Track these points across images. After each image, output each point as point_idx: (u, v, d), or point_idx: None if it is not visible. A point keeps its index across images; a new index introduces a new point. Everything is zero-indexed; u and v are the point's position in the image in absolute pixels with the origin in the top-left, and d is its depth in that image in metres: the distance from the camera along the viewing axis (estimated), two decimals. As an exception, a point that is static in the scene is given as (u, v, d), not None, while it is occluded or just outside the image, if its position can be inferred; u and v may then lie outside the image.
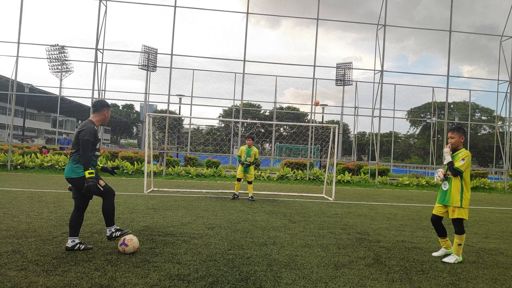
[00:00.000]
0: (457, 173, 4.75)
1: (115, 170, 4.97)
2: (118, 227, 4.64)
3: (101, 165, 4.91)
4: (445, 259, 4.80)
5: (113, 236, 4.55)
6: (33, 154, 17.87)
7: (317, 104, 16.38)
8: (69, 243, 4.41)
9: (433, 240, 6.00)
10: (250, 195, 10.21)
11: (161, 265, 4.04)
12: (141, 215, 7.04)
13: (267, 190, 12.97)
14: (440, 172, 4.96)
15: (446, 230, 5.08)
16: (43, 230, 5.37)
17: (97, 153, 4.61)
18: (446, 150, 4.90)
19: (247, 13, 18.61)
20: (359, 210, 9.30)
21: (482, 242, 6.14)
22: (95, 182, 4.29)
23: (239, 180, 10.36)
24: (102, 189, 4.47)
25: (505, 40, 20.17)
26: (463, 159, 4.73)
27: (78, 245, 4.42)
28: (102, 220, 6.24)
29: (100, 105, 4.71)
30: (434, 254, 5.10)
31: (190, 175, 17.39)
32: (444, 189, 4.91)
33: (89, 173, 4.27)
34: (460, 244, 4.78)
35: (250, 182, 10.33)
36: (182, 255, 4.44)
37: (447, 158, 4.83)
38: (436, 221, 5.03)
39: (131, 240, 4.44)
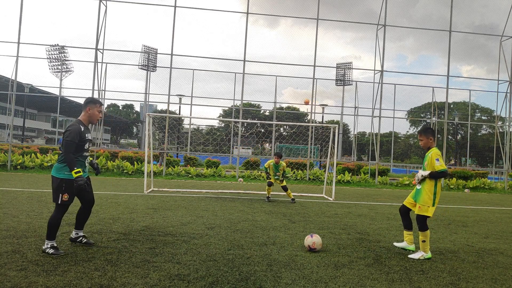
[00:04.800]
0: (443, 174, 4.79)
1: (98, 174, 4.81)
2: (56, 245, 4.28)
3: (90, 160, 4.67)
4: (411, 256, 4.86)
5: (47, 251, 4.19)
6: (33, 154, 17.87)
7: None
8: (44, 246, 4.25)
9: (433, 240, 6.00)
10: (292, 198, 10.37)
11: (161, 265, 4.04)
12: (141, 215, 7.03)
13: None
14: (418, 175, 4.93)
15: (412, 225, 5.09)
16: (43, 230, 5.36)
17: (85, 153, 4.46)
18: (419, 175, 4.90)
19: (247, 13, 18.61)
20: (359, 210, 9.30)
21: (482, 242, 6.14)
22: (84, 180, 4.18)
23: (270, 184, 10.38)
24: (59, 201, 4.23)
25: (505, 40, 20.17)
26: (437, 159, 4.76)
27: (49, 248, 4.22)
28: (102, 220, 6.25)
29: (84, 102, 4.54)
30: (396, 244, 5.21)
31: (190, 175, 17.39)
32: (418, 188, 4.96)
33: (76, 173, 4.13)
34: (424, 241, 4.83)
35: (286, 190, 10.40)
36: (182, 255, 4.44)
37: (424, 173, 4.83)
38: (404, 212, 5.12)
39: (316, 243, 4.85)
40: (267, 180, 10.36)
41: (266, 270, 4.06)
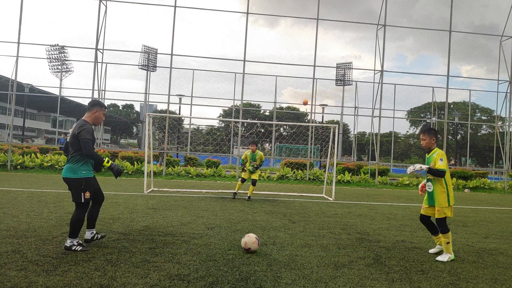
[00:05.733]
0: (441, 174, 4.76)
1: (118, 176, 4.78)
2: (81, 242, 4.50)
3: (110, 162, 4.67)
4: (439, 258, 4.84)
5: (73, 249, 4.36)
6: (33, 154, 17.87)
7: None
8: (67, 244, 4.41)
9: (433, 240, 5.99)
10: (248, 195, 10.27)
11: (161, 265, 4.04)
12: (141, 215, 7.03)
13: (267, 190, 12.97)
14: (416, 166, 4.84)
15: (438, 228, 5.08)
16: (43, 230, 5.37)
17: None
18: (417, 166, 4.85)
19: (247, 13, 18.61)
20: (359, 210, 9.30)
21: (482, 242, 6.14)
22: (117, 166, 4.57)
23: (243, 181, 10.39)
24: (83, 200, 4.40)
25: (505, 40, 20.17)
26: (441, 159, 4.75)
27: (76, 246, 4.40)
28: (103, 220, 6.25)
29: (91, 104, 4.70)
30: (431, 251, 5.19)
31: (190, 175, 17.39)
32: (429, 190, 4.96)
33: (107, 162, 4.51)
34: (448, 242, 4.83)
35: (254, 184, 10.35)
36: (182, 255, 4.44)
37: (423, 166, 4.80)
38: (425, 220, 5.11)
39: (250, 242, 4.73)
40: (241, 176, 10.27)
41: (266, 270, 4.06)
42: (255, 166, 10.30)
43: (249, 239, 4.75)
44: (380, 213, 8.87)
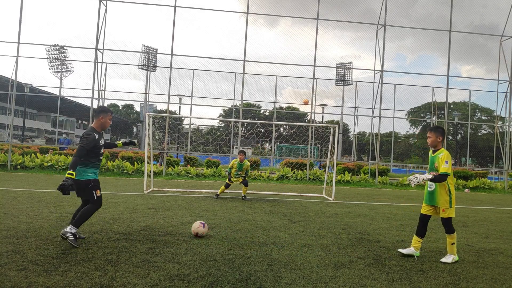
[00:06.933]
0: (444, 178, 4.72)
1: (133, 143, 5.74)
2: (77, 234, 4.74)
3: (120, 142, 5.58)
4: (443, 259, 4.79)
5: (67, 235, 4.58)
6: (33, 154, 17.87)
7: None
8: (67, 229, 4.64)
9: (433, 240, 6.01)
10: (243, 195, 10.34)
11: (161, 265, 4.04)
12: (141, 215, 7.04)
13: (267, 190, 12.97)
14: (419, 178, 4.75)
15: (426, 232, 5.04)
16: (43, 230, 5.37)
17: (100, 157, 5.04)
18: (420, 178, 4.79)
19: (247, 13, 18.61)
20: (359, 210, 9.30)
21: (482, 242, 6.14)
22: (69, 183, 4.38)
23: (227, 186, 10.34)
24: (95, 197, 4.82)
25: (505, 40, 20.17)
26: (446, 162, 4.70)
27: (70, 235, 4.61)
28: (102, 220, 6.26)
29: (97, 112, 5.12)
30: (401, 250, 4.95)
31: (190, 175, 17.39)
32: (430, 189, 4.88)
33: (69, 174, 4.48)
34: (453, 243, 4.80)
35: (246, 185, 10.34)
36: (182, 255, 4.44)
37: (426, 177, 4.74)
38: (424, 220, 4.97)
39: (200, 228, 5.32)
40: (226, 181, 10.36)
41: (266, 270, 4.06)
42: (242, 176, 10.31)
43: (194, 225, 5.42)
44: (380, 213, 8.87)
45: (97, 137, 4.86)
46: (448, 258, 4.78)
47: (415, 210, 9.78)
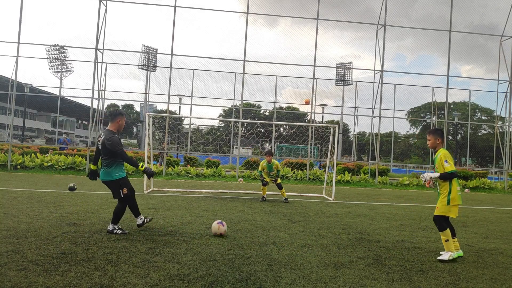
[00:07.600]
0: (452, 176, 4.79)
1: (152, 177, 6.52)
2: (121, 227, 5.46)
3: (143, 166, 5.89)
4: (440, 257, 4.80)
5: (114, 231, 5.35)
6: (33, 154, 17.87)
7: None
8: (110, 227, 5.38)
9: (433, 240, 6.01)
10: (284, 197, 10.36)
11: (161, 265, 4.04)
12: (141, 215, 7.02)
13: (267, 190, 12.94)
14: (426, 176, 4.91)
15: (455, 230, 5.04)
16: (43, 230, 5.37)
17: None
18: (427, 177, 4.89)
19: (247, 13, 18.61)
20: (359, 210, 9.30)
21: (482, 242, 6.14)
22: (151, 170, 5.51)
23: (265, 184, 10.33)
24: (122, 196, 5.39)
25: (505, 40, 20.17)
26: (446, 161, 4.78)
27: (117, 230, 5.35)
28: (102, 220, 6.26)
29: (114, 114, 5.53)
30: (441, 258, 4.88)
31: (190, 175, 17.40)
32: (438, 191, 5.01)
33: (141, 166, 5.51)
34: (447, 240, 4.80)
35: (280, 188, 10.37)
36: (182, 255, 4.44)
37: (433, 175, 4.84)
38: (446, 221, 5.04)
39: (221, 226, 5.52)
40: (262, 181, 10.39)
41: (266, 270, 4.06)
42: (274, 177, 10.36)
43: (213, 227, 5.56)
44: (380, 213, 8.87)
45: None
46: (445, 256, 4.79)
47: (415, 210, 9.79)
